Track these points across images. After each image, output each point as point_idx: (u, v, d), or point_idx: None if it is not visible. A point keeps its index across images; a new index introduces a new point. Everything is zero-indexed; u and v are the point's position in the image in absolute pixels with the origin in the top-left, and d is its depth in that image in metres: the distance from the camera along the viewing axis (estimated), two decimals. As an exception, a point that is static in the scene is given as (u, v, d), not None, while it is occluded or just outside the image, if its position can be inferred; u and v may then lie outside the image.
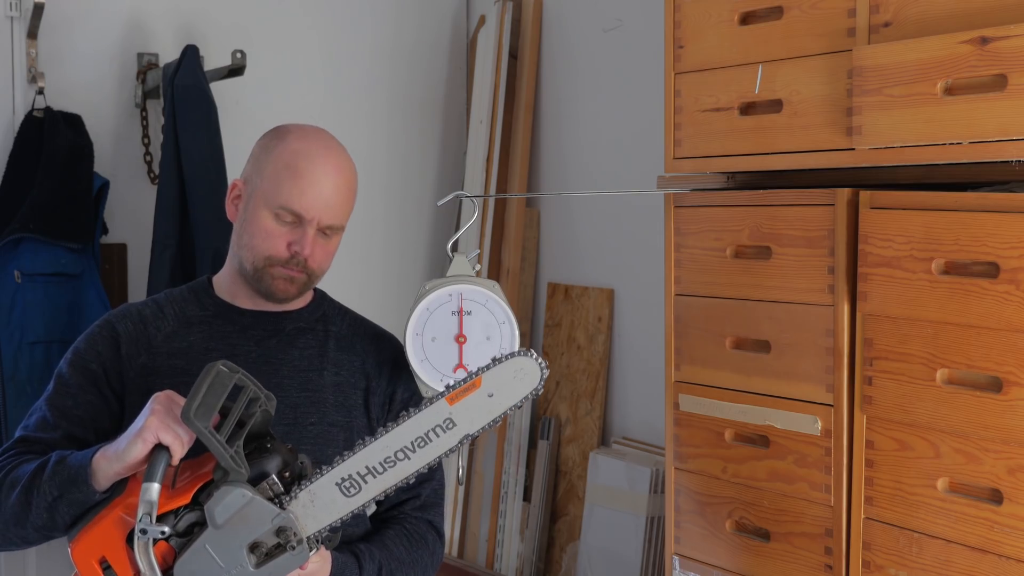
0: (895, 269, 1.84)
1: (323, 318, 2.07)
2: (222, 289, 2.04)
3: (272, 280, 1.95)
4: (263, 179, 1.95)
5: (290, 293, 1.97)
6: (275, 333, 2.01)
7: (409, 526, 2.04)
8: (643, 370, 3.29)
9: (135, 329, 1.97)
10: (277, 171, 1.93)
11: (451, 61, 3.91)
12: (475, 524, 3.67)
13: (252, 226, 1.95)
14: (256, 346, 1.99)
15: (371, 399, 2.05)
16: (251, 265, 1.96)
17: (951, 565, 1.79)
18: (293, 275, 1.95)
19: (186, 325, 1.99)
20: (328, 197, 1.93)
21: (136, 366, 1.94)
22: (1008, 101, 1.65)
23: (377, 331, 2.13)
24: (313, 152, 1.95)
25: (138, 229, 3.27)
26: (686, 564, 2.24)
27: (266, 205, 1.93)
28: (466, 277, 1.98)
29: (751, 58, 2.08)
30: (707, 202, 2.18)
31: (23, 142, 3.08)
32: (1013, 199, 1.69)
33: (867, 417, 1.91)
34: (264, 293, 1.98)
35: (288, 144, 1.96)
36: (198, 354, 1.96)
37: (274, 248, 1.93)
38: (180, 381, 1.92)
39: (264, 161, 1.97)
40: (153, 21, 3.37)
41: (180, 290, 2.06)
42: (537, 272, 3.70)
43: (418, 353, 1.96)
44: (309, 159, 1.94)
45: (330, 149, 1.97)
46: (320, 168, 1.93)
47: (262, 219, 1.93)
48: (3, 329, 2.97)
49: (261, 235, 1.93)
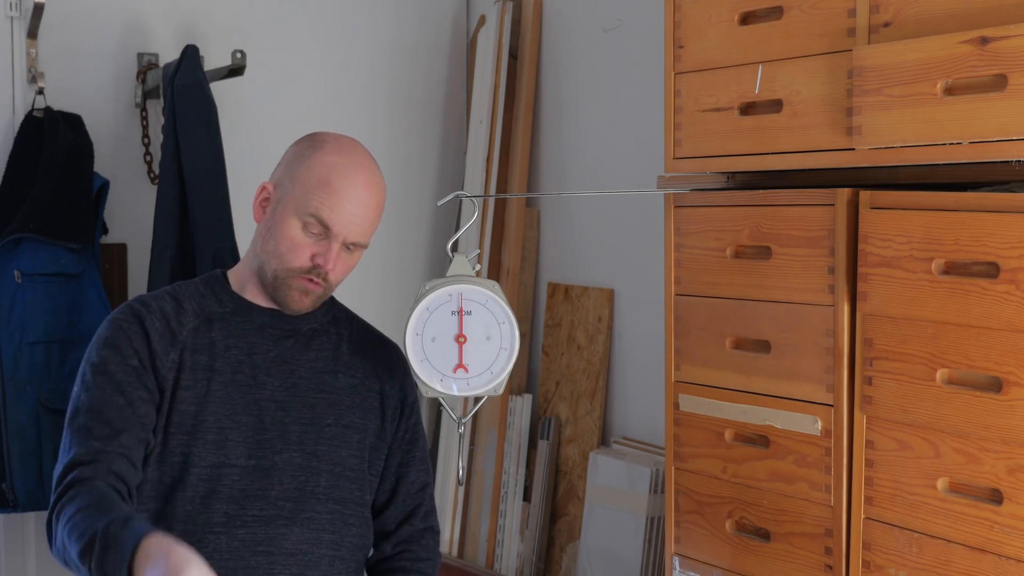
0: (895, 269, 1.84)
1: (335, 321, 2.09)
2: (239, 285, 2.04)
3: (288, 291, 1.96)
4: (295, 186, 1.94)
5: (304, 305, 1.98)
6: (292, 334, 2.02)
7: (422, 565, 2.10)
8: (643, 370, 3.29)
9: (161, 325, 1.96)
10: (310, 181, 1.93)
11: (451, 61, 3.91)
12: (475, 524, 3.67)
13: (279, 232, 1.94)
14: (274, 345, 2.00)
15: (386, 401, 2.08)
16: (272, 272, 1.96)
17: (951, 565, 1.79)
18: (310, 288, 1.95)
19: (207, 321, 1.99)
20: (358, 214, 1.93)
21: (168, 362, 1.94)
22: (1008, 101, 1.65)
23: (382, 338, 2.15)
24: (349, 167, 1.94)
25: (138, 229, 3.27)
26: (686, 564, 2.24)
27: (296, 213, 1.93)
28: (466, 277, 1.98)
29: (751, 58, 2.08)
30: (707, 202, 2.18)
31: (23, 142, 3.08)
32: (1013, 199, 1.69)
33: (867, 417, 1.91)
34: (278, 302, 1.98)
35: (324, 155, 1.95)
36: (220, 350, 1.98)
37: (298, 259, 1.93)
38: (204, 377, 1.95)
39: (298, 169, 1.96)
40: (153, 21, 3.37)
41: (194, 283, 2.05)
42: (537, 272, 3.70)
43: (418, 353, 1.96)
44: (345, 174, 1.93)
45: (365, 167, 1.97)
46: (354, 184, 1.93)
47: (289, 227, 1.93)
48: (3, 329, 2.96)
49: (287, 243, 1.94)
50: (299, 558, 1.94)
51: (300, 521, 1.94)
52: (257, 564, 1.91)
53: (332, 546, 1.97)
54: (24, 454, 2.95)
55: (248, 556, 1.91)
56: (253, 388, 1.97)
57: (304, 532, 1.95)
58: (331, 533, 1.97)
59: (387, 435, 2.08)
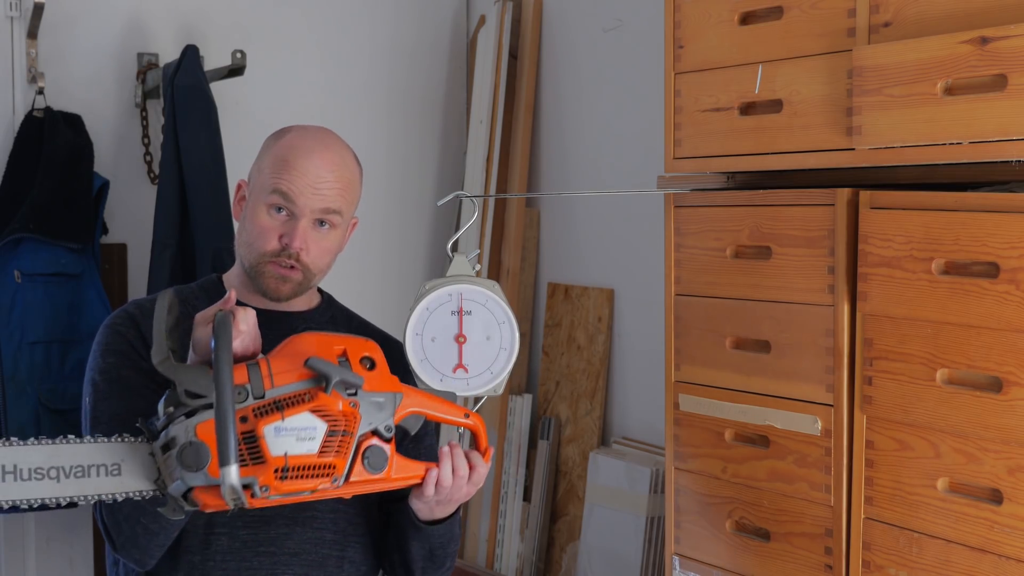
0: (895, 269, 1.84)
1: (332, 321, 2.08)
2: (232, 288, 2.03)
3: (265, 279, 1.94)
4: (260, 174, 1.96)
5: (283, 292, 1.96)
6: (287, 334, 2.02)
7: None
8: (643, 370, 3.29)
9: None
10: (271, 164, 1.94)
11: (451, 61, 3.91)
12: (475, 524, 3.67)
13: (250, 222, 1.95)
14: (269, 347, 1.99)
15: None
16: (249, 263, 1.96)
17: (951, 565, 1.79)
18: (285, 273, 1.93)
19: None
20: (319, 182, 1.91)
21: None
22: (1008, 101, 1.65)
23: (383, 336, 2.13)
24: (308, 143, 1.94)
25: (138, 229, 3.27)
26: (686, 564, 2.24)
27: (262, 199, 1.93)
28: (466, 277, 1.97)
29: (751, 58, 2.08)
30: (707, 202, 2.18)
31: (23, 142, 3.08)
32: (1013, 199, 1.69)
33: (867, 417, 1.91)
34: (261, 292, 1.98)
35: (285, 140, 1.96)
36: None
37: (268, 242, 1.92)
38: None
39: (263, 158, 1.98)
40: (153, 21, 3.37)
41: (191, 287, 2.05)
42: (537, 272, 3.70)
43: (418, 353, 1.96)
44: (303, 149, 1.93)
45: (325, 143, 1.96)
46: (313, 154, 1.92)
47: (258, 214, 1.93)
48: (3, 329, 2.96)
49: (256, 230, 1.93)
50: (303, 558, 1.93)
51: (301, 521, 1.94)
52: (260, 564, 1.91)
53: (336, 547, 1.97)
54: (24, 454, 2.95)
55: (251, 556, 1.91)
56: None
57: (306, 532, 1.94)
58: (334, 533, 1.97)
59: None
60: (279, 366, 1.65)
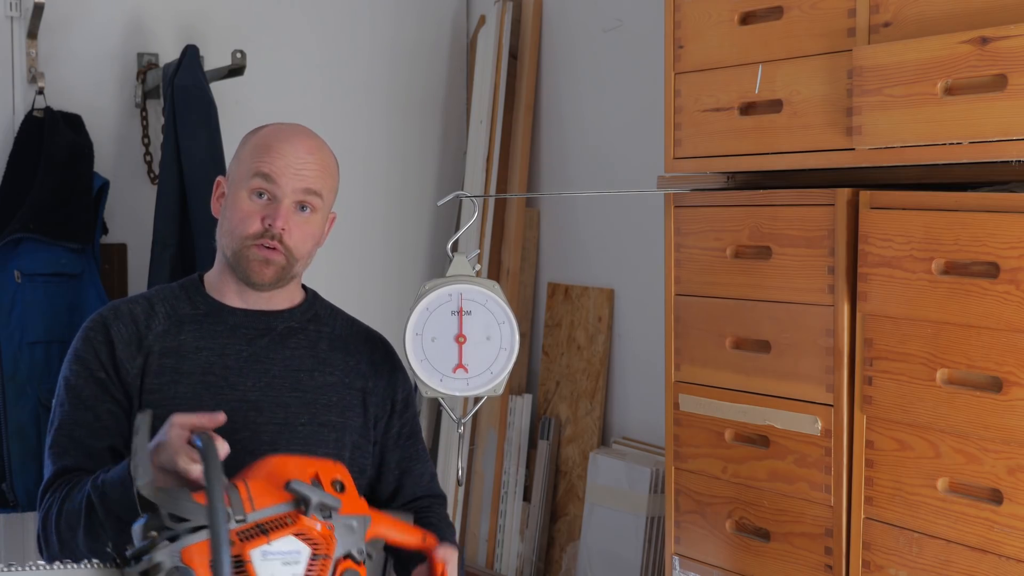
0: (895, 269, 1.84)
1: (315, 318, 2.07)
2: (212, 287, 2.04)
3: (248, 263, 1.95)
4: (240, 164, 1.99)
5: (266, 276, 1.96)
6: (266, 332, 2.01)
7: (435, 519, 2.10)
8: (643, 370, 3.29)
9: (127, 331, 1.96)
10: (251, 151, 1.98)
11: (451, 61, 3.91)
12: (475, 524, 3.67)
13: (231, 211, 1.97)
14: (247, 345, 1.99)
15: (369, 399, 2.05)
16: (232, 251, 1.97)
17: (951, 565, 1.79)
18: (269, 256, 1.94)
19: (177, 324, 1.99)
20: (298, 161, 1.95)
21: (133, 368, 1.94)
22: (1008, 101, 1.65)
23: (368, 332, 2.13)
24: (287, 132, 2.00)
25: (138, 229, 3.27)
26: (686, 564, 2.24)
27: (242, 185, 1.96)
28: (466, 277, 1.97)
29: (751, 58, 2.08)
30: (707, 202, 2.18)
31: (23, 142, 3.08)
32: (1013, 199, 1.69)
33: (867, 417, 1.91)
34: (244, 279, 1.97)
35: (263, 131, 2.01)
36: (189, 353, 1.96)
37: (251, 225, 1.94)
38: (170, 380, 1.94)
39: (241, 151, 2.01)
40: (153, 21, 3.37)
41: (172, 287, 2.06)
42: (537, 272, 3.70)
43: (418, 353, 1.96)
44: (282, 136, 1.98)
45: (304, 131, 2.02)
46: (292, 138, 1.98)
47: (239, 201, 1.96)
48: (3, 329, 2.96)
49: (239, 215, 1.95)
50: None
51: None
52: None
53: None
54: (24, 454, 2.95)
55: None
56: (224, 389, 1.95)
57: None
58: None
59: (374, 433, 2.07)
60: (257, 488, 1.62)
